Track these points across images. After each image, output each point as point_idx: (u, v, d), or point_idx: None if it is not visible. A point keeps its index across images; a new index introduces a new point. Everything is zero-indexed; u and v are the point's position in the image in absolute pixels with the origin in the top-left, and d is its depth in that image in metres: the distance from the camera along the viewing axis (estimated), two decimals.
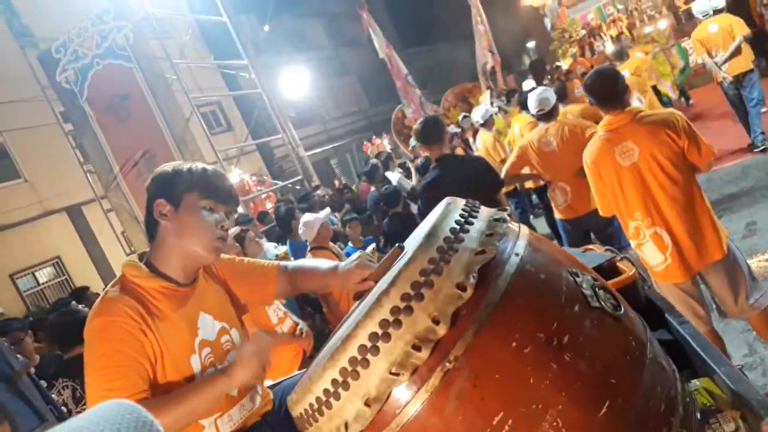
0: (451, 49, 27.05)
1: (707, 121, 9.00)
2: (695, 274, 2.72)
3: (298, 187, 11.72)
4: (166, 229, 1.47)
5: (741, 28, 6.55)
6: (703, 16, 6.83)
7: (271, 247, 5.18)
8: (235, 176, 12.65)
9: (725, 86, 6.70)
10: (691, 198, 2.64)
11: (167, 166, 1.52)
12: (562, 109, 6.05)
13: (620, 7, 16.13)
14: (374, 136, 17.58)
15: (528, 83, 8.72)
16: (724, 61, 6.51)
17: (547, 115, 4.26)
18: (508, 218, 1.17)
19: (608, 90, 2.79)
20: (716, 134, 7.64)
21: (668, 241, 2.67)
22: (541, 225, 6.95)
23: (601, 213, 3.00)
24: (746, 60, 6.52)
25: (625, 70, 6.82)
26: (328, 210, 5.01)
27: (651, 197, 2.67)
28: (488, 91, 10.03)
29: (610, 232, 3.90)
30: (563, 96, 6.12)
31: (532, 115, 4.58)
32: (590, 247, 2.08)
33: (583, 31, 16.08)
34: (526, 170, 4.37)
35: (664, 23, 14.99)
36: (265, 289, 1.73)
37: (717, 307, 2.81)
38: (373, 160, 9.48)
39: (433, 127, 3.71)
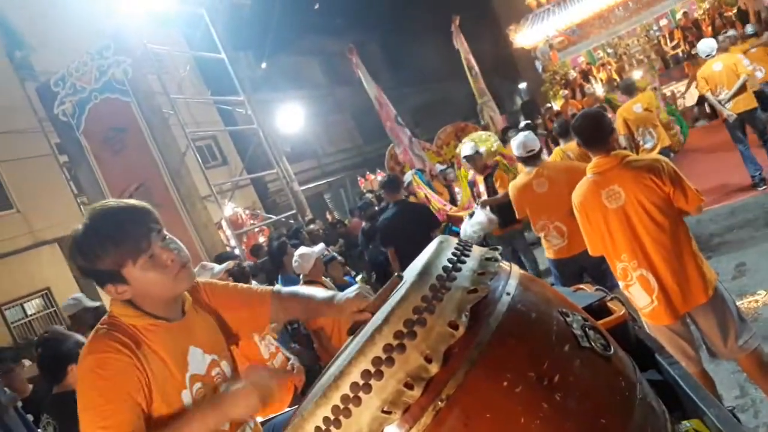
0: (443, 89, 27.48)
1: (699, 162, 9.14)
2: (682, 316, 2.73)
3: (291, 221, 11.71)
4: (133, 296, 1.46)
5: (745, 67, 6.67)
6: (706, 56, 6.97)
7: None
8: (228, 210, 12.64)
9: (729, 124, 6.75)
10: (677, 242, 2.66)
11: (74, 254, 1.41)
12: (562, 145, 6.10)
13: (609, 51, 16.58)
14: (368, 172, 17.74)
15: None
16: (728, 99, 6.58)
17: (534, 157, 4.29)
18: (499, 257, 1.18)
19: (593, 132, 2.86)
20: (707, 174, 7.75)
21: (654, 283, 2.69)
22: (543, 258, 6.92)
23: (590, 253, 3.03)
24: (751, 97, 6.61)
25: (637, 105, 6.81)
26: (322, 245, 5.03)
27: (637, 240, 2.70)
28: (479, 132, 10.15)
29: (603, 269, 3.89)
30: (566, 132, 6.16)
31: (517, 158, 4.58)
32: (581, 286, 2.10)
33: (575, 73, 16.47)
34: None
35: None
36: (258, 312, 1.70)
37: (707, 348, 2.82)
38: (367, 196, 9.53)
39: (393, 181, 5.92)
